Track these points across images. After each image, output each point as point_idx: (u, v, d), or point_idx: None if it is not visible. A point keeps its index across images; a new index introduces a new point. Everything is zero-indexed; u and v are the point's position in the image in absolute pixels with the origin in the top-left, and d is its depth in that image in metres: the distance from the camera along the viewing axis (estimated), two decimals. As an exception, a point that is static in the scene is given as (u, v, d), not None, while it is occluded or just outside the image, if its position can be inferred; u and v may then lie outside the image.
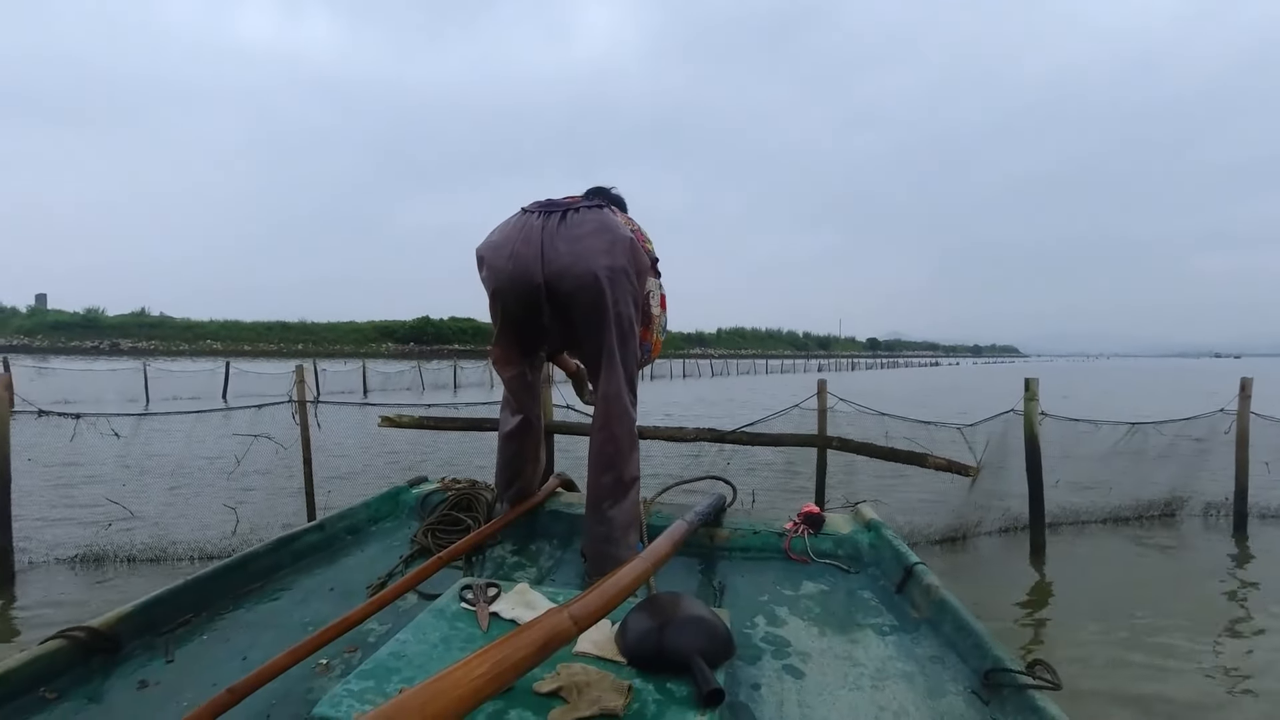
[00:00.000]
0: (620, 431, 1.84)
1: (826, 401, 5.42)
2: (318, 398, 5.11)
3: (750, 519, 2.09)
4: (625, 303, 1.81)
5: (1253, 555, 5.75)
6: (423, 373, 27.27)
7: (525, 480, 2.11)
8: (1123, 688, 3.35)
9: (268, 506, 5.56)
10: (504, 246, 1.80)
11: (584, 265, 1.72)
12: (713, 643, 1.13)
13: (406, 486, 2.34)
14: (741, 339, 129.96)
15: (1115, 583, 5.04)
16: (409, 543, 1.98)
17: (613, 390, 1.83)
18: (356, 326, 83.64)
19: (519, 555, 2.00)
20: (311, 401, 5.03)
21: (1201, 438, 6.64)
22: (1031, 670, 1.14)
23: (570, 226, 1.77)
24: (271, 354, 61.94)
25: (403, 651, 1.13)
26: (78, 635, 1.25)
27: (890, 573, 1.76)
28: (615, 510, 1.82)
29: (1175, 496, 6.75)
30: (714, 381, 37.38)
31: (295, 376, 5.12)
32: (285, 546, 1.83)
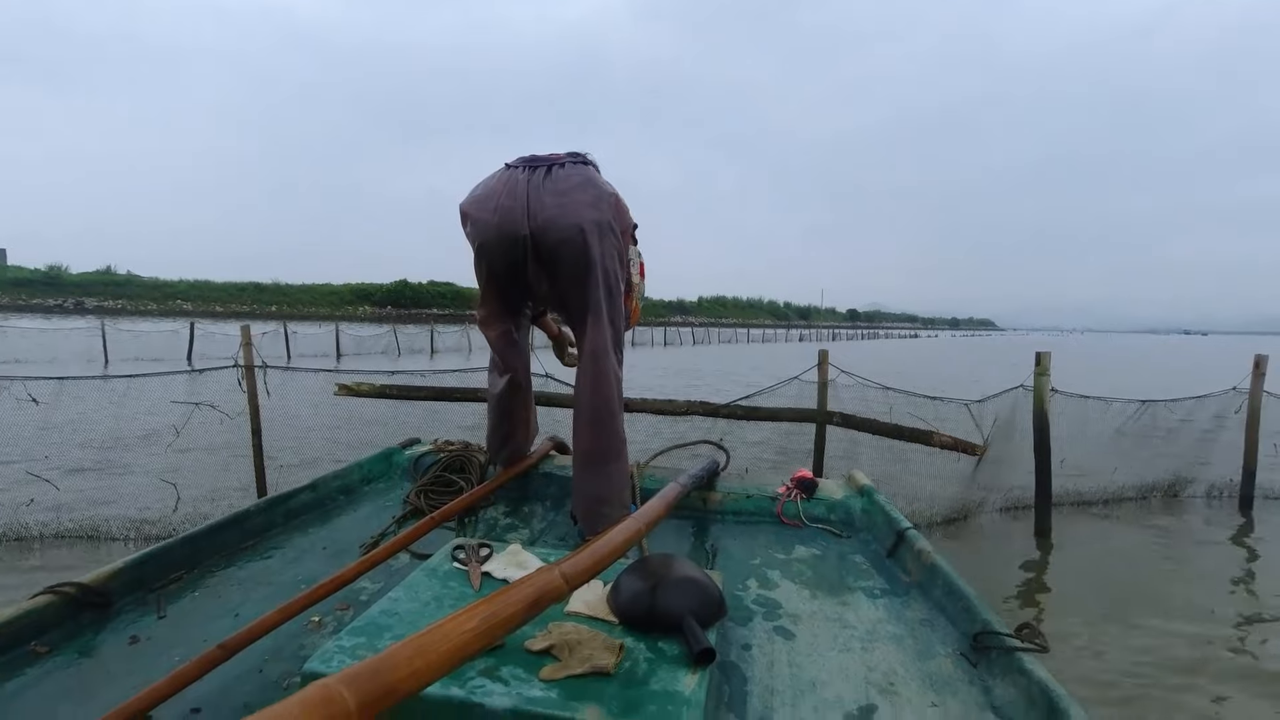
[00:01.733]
0: (609, 388, 1.81)
1: (828, 374, 5.01)
2: (264, 363, 4.55)
3: (744, 483, 2.09)
4: (611, 258, 1.78)
5: (1261, 538, 5.53)
6: (398, 337, 26.50)
7: (517, 442, 2.10)
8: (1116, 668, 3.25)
9: (213, 482, 5.07)
10: (488, 200, 1.76)
11: (571, 218, 1.70)
12: (704, 603, 1.13)
13: (399, 448, 2.33)
14: (722, 308, 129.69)
15: (1118, 569, 4.82)
16: (401, 503, 1.98)
17: (600, 346, 1.79)
18: (333, 289, 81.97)
19: (511, 517, 1.99)
20: (260, 366, 4.50)
21: (1214, 416, 6.37)
22: (1019, 633, 1.16)
23: (556, 181, 1.74)
24: (243, 315, 60.50)
25: (394, 609, 1.14)
26: (67, 591, 1.25)
27: (882, 537, 1.78)
28: (608, 469, 1.81)
29: (1180, 477, 6.51)
30: (695, 350, 37.07)
31: (241, 337, 4.57)
32: (278, 506, 1.82)
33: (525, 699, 0.92)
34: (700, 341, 45.87)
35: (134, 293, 67.18)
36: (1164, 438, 6.40)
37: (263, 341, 21.84)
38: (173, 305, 62.77)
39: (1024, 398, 5.76)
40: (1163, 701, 3.06)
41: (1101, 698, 3.05)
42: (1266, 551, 5.17)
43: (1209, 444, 6.52)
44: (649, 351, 32.44)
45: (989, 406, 5.73)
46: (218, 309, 63.19)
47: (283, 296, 75.88)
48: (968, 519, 5.81)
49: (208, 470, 5.22)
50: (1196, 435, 6.48)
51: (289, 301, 73.35)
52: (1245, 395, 6.15)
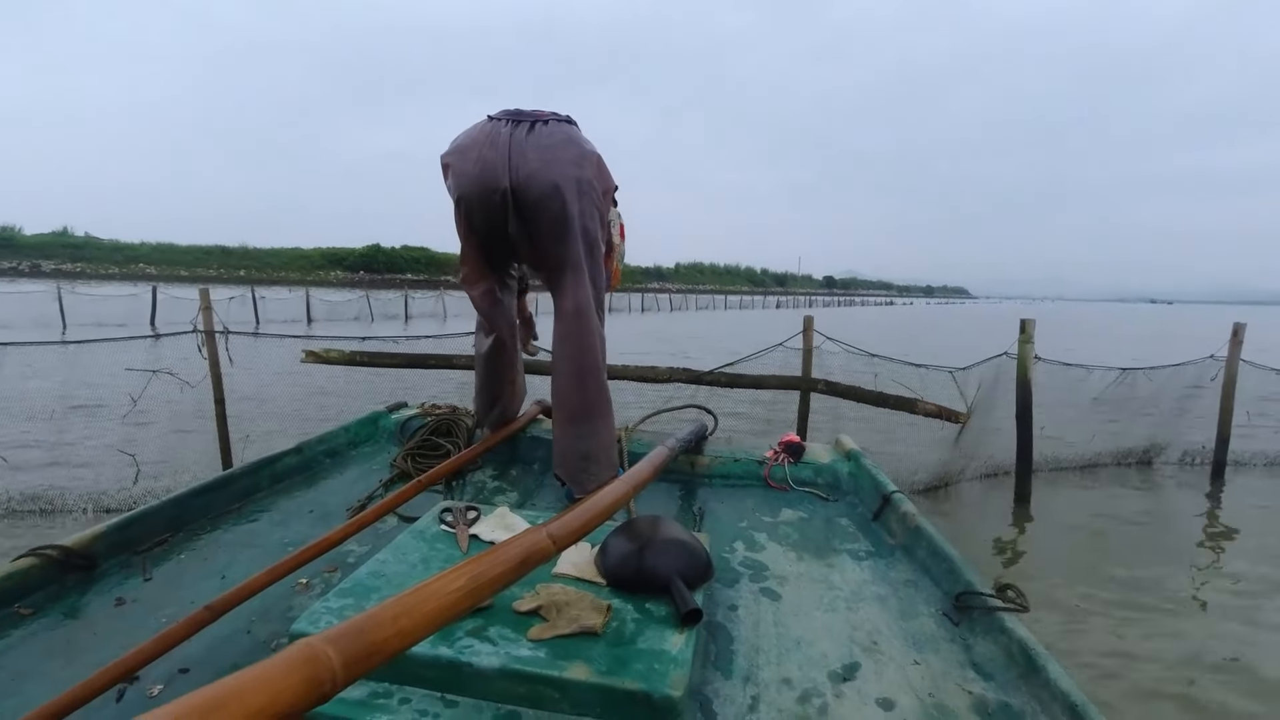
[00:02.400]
0: (593, 342, 1.79)
1: (813, 340, 4.91)
2: (226, 328, 4.30)
3: (731, 447, 2.09)
4: (591, 217, 1.77)
5: (1230, 505, 5.63)
6: (371, 302, 25.94)
7: (504, 404, 2.08)
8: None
9: (174, 453, 4.83)
10: (470, 151, 1.72)
11: (553, 173, 1.68)
12: (692, 565, 1.14)
13: (386, 411, 2.31)
14: (699, 274, 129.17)
15: (1094, 535, 4.88)
16: (389, 467, 1.97)
17: (582, 301, 1.76)
18: (303, 253, 79.89)
19: (499, 480, 1.98)
20: (221, 332, 4.26)
21: (1191, 385, 6.41)
22: (1000, 594, 1.18)
23: (539, 136, 1.71)
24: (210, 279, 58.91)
25: (382, 571, 1.15)
26: (51, 554, 1.25)
27: (868, 501, 1.79)
28: (594, 425, 1.79)
29: (1155, 443, 6.59)
30: (673, 317, 36.92)
31: (200, 301, 4.32)
32: (264, 469, 1.81)
33: (513, 658, 0.93)
34: (678, 308, 45.69)
35: (93, 255, 64.73)
36: (1141, 405, 6.44)
37: (229, 307, 21.20)
38: (135, 269, 60.66)
39: (1007, 365, 5.73)
40: (1137, 661, 3.14)
41: (1077, 658, 3.09)
42: (1235, 519, 5.25)
43: (1184, 411, 6.58)
44: (626, 317, 32.24)
45: (973, 374, 5.69)
46: (182, 273, 61.28)
47: (250, 260, 73.76)
48: (948, 486, 5.83)
49: (169, 441, 4.98)
50: (1172, 402, 6.53)
51: (257, 266, 71.37)
52: (1222, 363, 6.19)
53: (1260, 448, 6.68)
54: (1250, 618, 3.57)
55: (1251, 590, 3.91)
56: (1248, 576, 4.10)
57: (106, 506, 4.30)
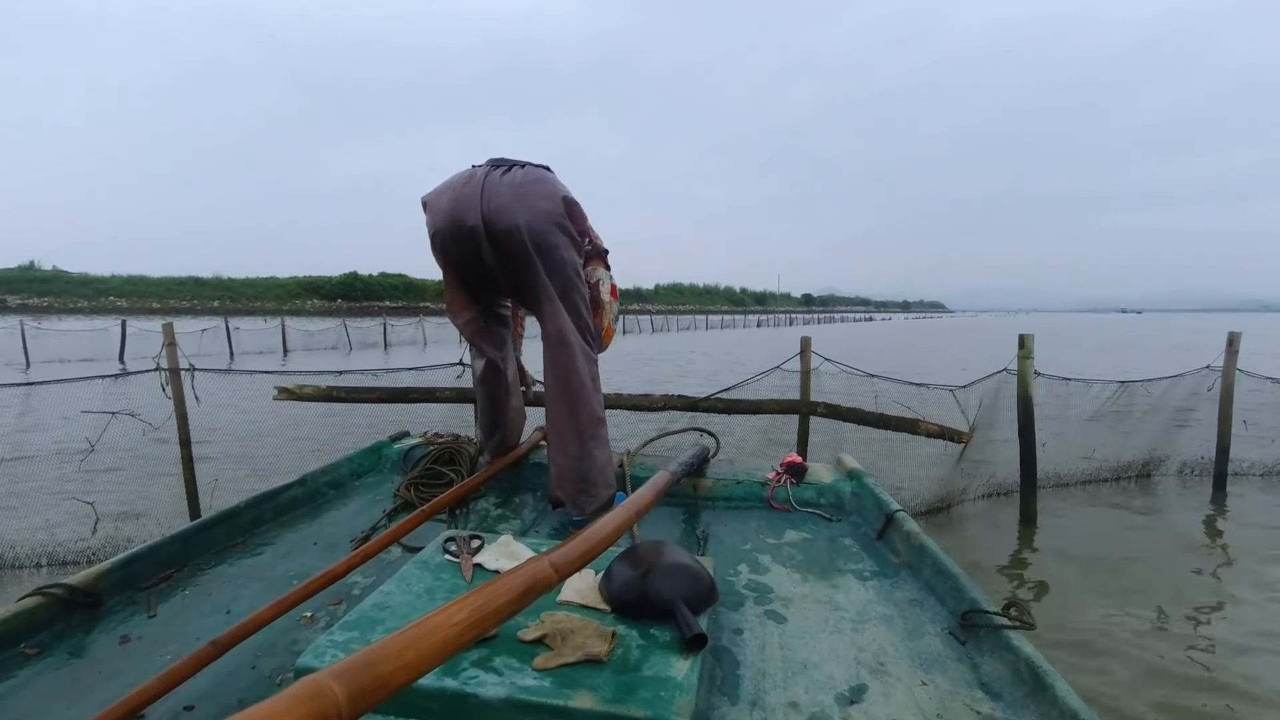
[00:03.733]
0: (577, 364, 1.80)
1: (811, 362, 4.75)
2: (191, 365, 4.03)
3: (733, 469, 2.08)
4: (566, 248, 1.80)
5: (1232, 516, 5.54)
6: (349, 331, 25.45)
7: (505, 431, 2.10)
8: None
9: (137, 501, 4.52)
10: (445, 191, 1.82)
11: (523, 205, 1.73)
12: (696, 589, 1.14)
13: (389, 441, 2.33)
14: (679, 295, 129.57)
15: (1104, 556, 4.72)
16: (392, 497, 1.97)
17: (561, 326, 1.80)
18: (279, 282, 78.91)
19: (503, 508, 1.98)
20: (187, 370, 3.99)
21: (1187, 395, 6.34)
22: (1006, 611, 1.17)
23: (513, 176, 1.79)
24: (182, 311, 57.82)
25: (386, 602, 1.14)
26: (55, 592, 1.24)
27: (871, 520, 1.78)
28: (589, 447, 1.80)
29: (1154, 456, 6.49)
30: (654, 338, 36.76)
31: (164, 336, 4.05)
32: (267, 501, 1.81)
33: (519, 688, 0.92)
34: (660, 329, 45.60)
35: (62, 289, 63.28)
36: (1139, 417, 6.35)
37: (202, 339, 20.69)
38: (105, 302, 59.36)
39: (1006, 381, 5.62)
40: (1146, 683, 3.04)
41: (1085, 677, 3.02)
42: (1244, 534, 5.14)
43: (1181, 422, 6.51)
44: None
45: (973, 391, 5.56)
46: (154, 305, 60.21)
47: (225, 291, 72.74)
48: (950, 508, 5.67)
49: (132, 487, 4.66)
50: (1169, 414, 6.45)
51: (232, 296, 70.36)
52: (1219, 373, 6.13)
53: (1258, 456, 6.61)
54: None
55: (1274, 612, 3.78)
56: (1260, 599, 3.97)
57: (62, 559, 3.98)
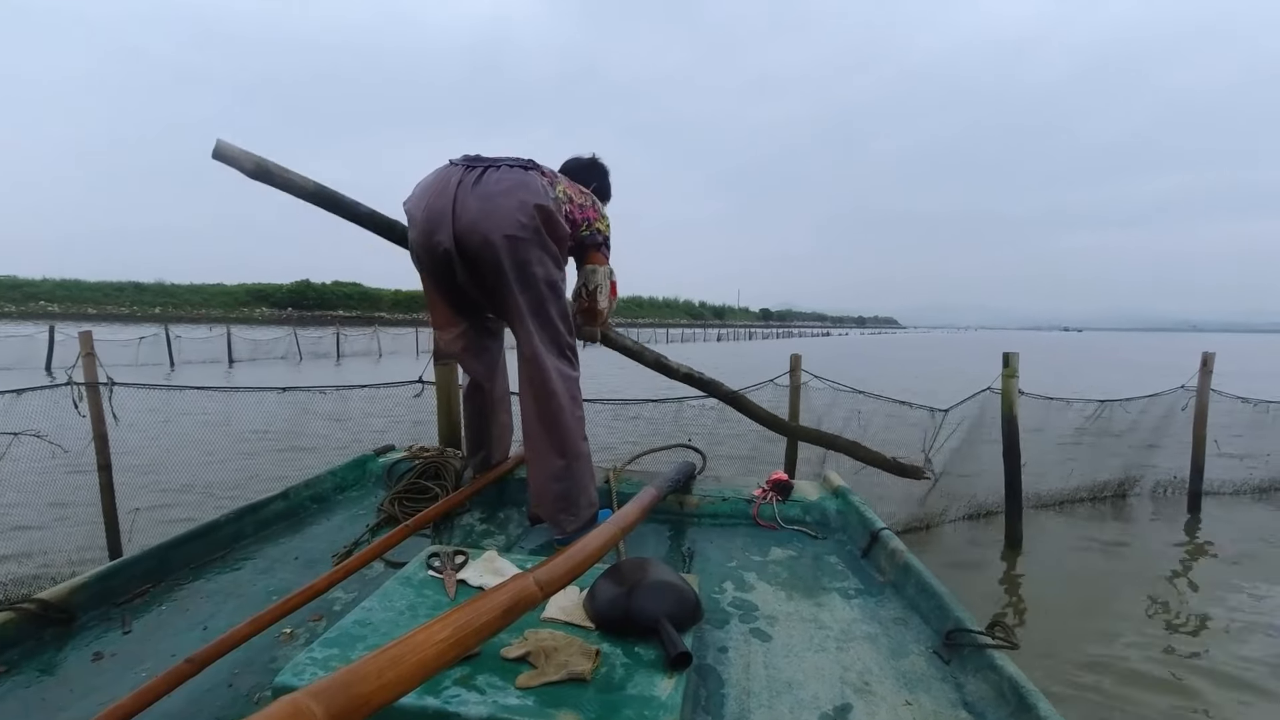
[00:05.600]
0: (551, 385, 1.78)
1: (800, 378, 4.50)
2: (110, 379, 3.53)
3: (720, 486, 2.07)
4: (539, 262, 1.74)
5: (1210, 536, 5.50)
6: (300, 340, 24.44)
7: (490, 447, 2.09)
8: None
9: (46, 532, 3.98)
10: (422, 200, 1.76)
11: (489, 223, 1.68)
12: (681, 607, 1.13)
13: (373, 455, 2.30)
14: (638, 308, 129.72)
15: (1086, 576, 4.68)
16: (375, 511, 1.95)
17: (534, 348, 1.77)
18: (226, 289, 76.18)
19: (487, 523, 1.97)
20: (105, 384, 3.51)
21: (1160, 416, 6.33)
22: (990, 631, 1.18)
23: (485, 184, 1.72)
24: (122, 318, 55.19)
25: (368, 619, 1.13)
26: (28, 608, 1.21)
27: (856, 538, 1.79)
28: (569, 467, 1.79)
29: (1130, 475, 6.46)
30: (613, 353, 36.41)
31: (80, 346, 3.55)
32: (249, 515, 1.78)
33: (502, 707, 0.92)
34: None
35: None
36: (1115, 437, 6.31)
37: (140, 348, 19.54)
38: (35, 307, 56.22)
39: (989, 400, 5.49)
40: (1127, 701, 3.08)
41: (1069, 697, 3.06)
42: (1222, 554, 5.11)
43: (1154, 441, 6.50)
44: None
45: (958, 410, 5.41)
46: (90, 311, 57.35)
47: (168, 297, 69.84)
48: (929, 529, 5.51)
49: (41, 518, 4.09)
50: (1144, 433, 6.44)
51: (175, 303, 67.59)
52: (1193, 393, 6.13)
53: (1227, 475, 6.65)
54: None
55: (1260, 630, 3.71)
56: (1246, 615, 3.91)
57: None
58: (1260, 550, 5.13)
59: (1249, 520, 5.91)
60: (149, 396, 3.90)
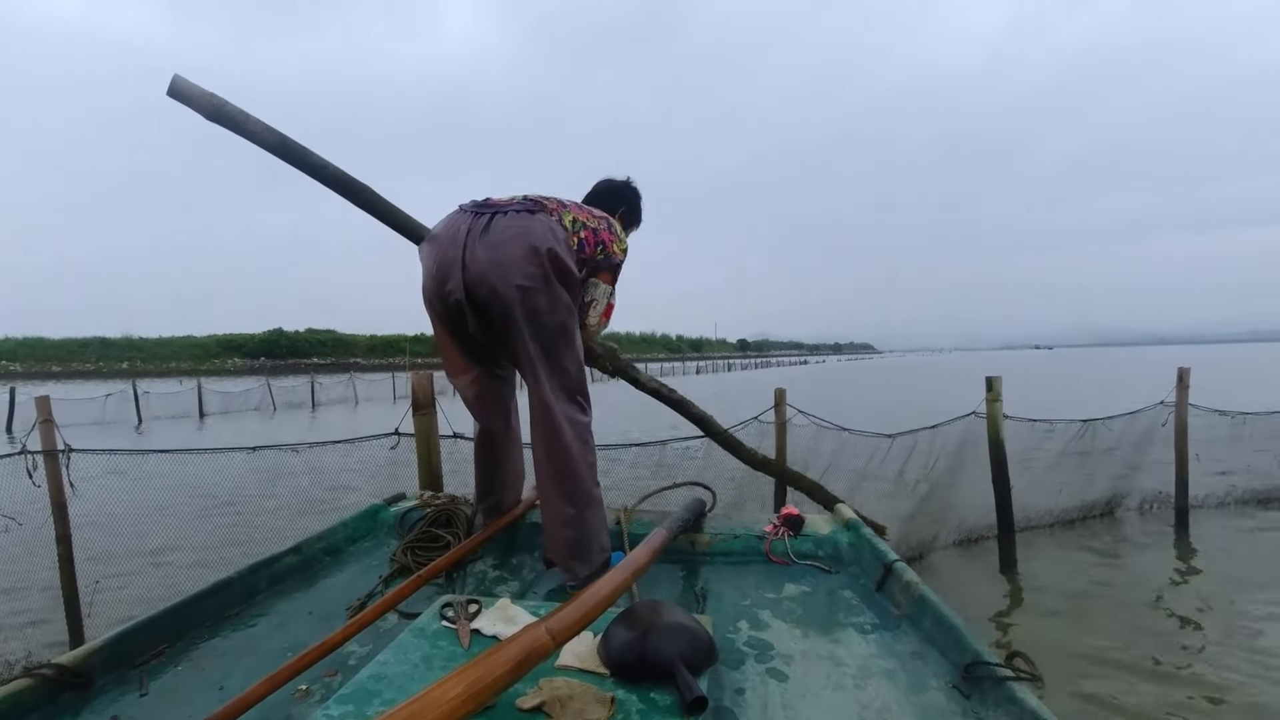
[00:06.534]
0: (562, 435, 1.78)
1: (785, 414, 4.45)
2: (69, 446, 3.35)
3: (730, 523, 2.07)
4: (550, 309, 1.75)
5: (1200, 552, 5.51)
6: (273, 391, 23.97)
7: (499, 492, 2.09)
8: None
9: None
10: (433, 248, 1.79)
11: (498, 273, 1.69)
12: (695, 649, 1.13)
13: (384, 504, 2.30)
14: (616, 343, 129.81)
15: (1086, 599, 4.63)
16: (388, 562, 1.94)
17: (543, 399, 1.77)
18: (196, 341, 74.91)
19: (500, 570, 1.97)
20: (63, 451, 3.33)
21: (1142, 431, 6.37)
22: (1010, 663, 1.16)
23: (493, 233, 1.73)
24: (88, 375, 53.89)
25: (383, 673, 1.13)
26: (45, 673, 1.22)
27: (870, 571, 1.78)
28: (581, 516, 1.79)
29: (1115, 494, 6.46)
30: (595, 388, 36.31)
31: (38, 412, 3.38)
32: (261, 570, 1.78)
33: None
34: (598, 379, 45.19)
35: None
36: (1100, 454, 6.33)
37: (107, 405, 18.99)
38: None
39: (974, 424, 5.48)
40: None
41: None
42: (1215, 571, 5.09)
43: (1140, 457, 6.54)
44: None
45: (940, 434, 5.40)
46: (54, 369, 55.97)
47: (136, 351, 68.38)
48: (923, 557, 5.43)
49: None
50: (1127, 450, 6.47)
51: (143, 357, 66.20)
52: (1172, 409, 6.18)
53: (1211, 489, 6.68)
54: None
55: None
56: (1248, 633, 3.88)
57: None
58: (1251, 565, 5.13)
59: (1236, 534, 5.93)
60: (112, 459, 3.72)
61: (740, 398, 7.03)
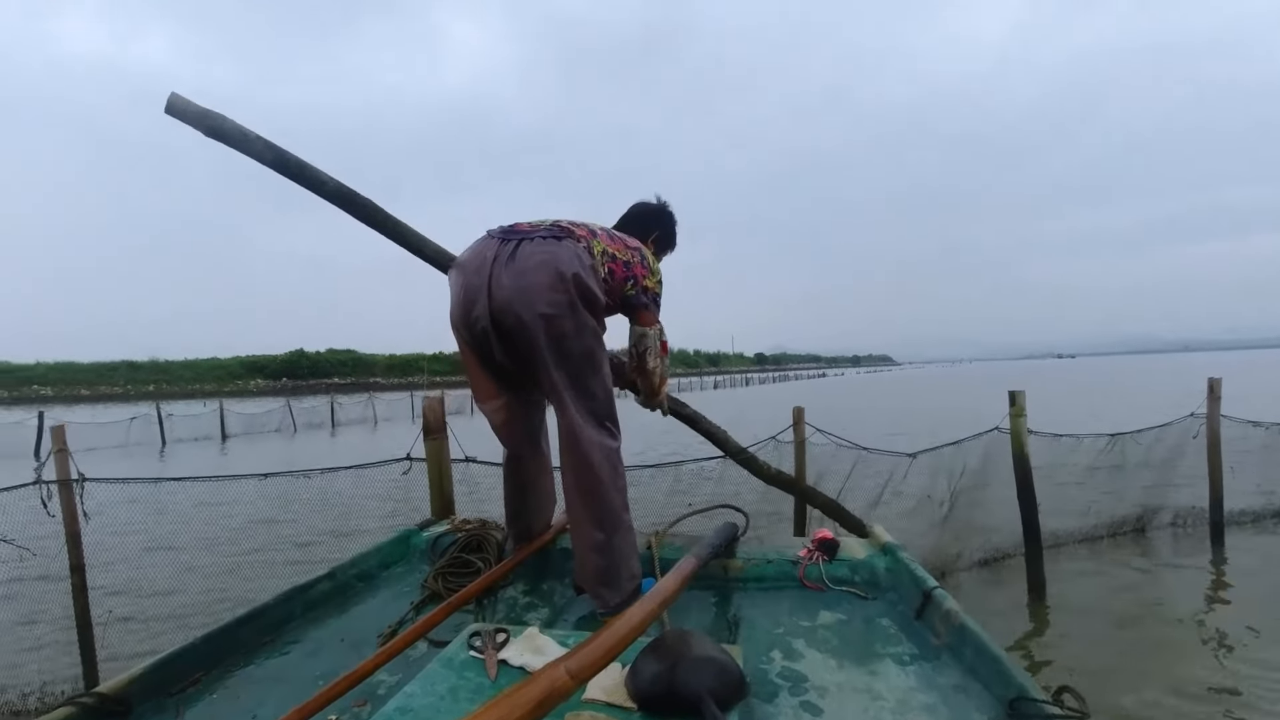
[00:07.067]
0: (591, 461, 1.76)
1: (804, 432, 4.37)
2: (83, 476, 3.36)
3: (764, 548, 2.03)
4: (576, 334, 1.73)
5: (1240, 571, 5.30)
6: (294, 412, 24.19)
7: (529, 518, 2.08)
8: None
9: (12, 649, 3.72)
10: (460, 275, 1.80)
11: (523, 301, 1.68)
12: (724, 683, 1.12)
13: (417, 529, 2.30)
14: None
15: (1123, 624, 4.44)
16: (420, 588, 1.94)
17: (571, 425, 1.77)
18: (220, 363, 76.10)
19: (531, 595, 1.95)
20: (76, 480, 3.35)
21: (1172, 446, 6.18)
22: (1058, 699, 1.12)
23: (519, 259, 1.72)
24: (115, 398, 54.88)
25: (409, 705, 1.13)
26: (86, 701, 1.25)
27: (909, 598, 1.72)
28: (609, 542, 1.77)
29: (1146, 509, 6.27)
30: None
31: (53, 442, 3.40)
32: (296, 597, 1.78)
33: None
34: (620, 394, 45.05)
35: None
36: (1130, 469, 6.15)
37: (131, 428, 19.24)
38: (28, 391, 55.92)
39: (997, 440, 5.35)
40: None
41: None
42: (1258, 591, 4.89)
43: (1171, 470, 6.34)
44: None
45: (962, 451, 5.27)
46: (83, 392, 57.06)
47: (161, 374, 69.64)
48: (945, 576, 5.28)
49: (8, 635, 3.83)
50: (1157, 464, 6.28)
51: (168, 379, 67.37)
52: (1203, 420, 6.00)
53: (1246, 504, 6.45)
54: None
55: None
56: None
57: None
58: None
59: (1276, 551, 5.72)
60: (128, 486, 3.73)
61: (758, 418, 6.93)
